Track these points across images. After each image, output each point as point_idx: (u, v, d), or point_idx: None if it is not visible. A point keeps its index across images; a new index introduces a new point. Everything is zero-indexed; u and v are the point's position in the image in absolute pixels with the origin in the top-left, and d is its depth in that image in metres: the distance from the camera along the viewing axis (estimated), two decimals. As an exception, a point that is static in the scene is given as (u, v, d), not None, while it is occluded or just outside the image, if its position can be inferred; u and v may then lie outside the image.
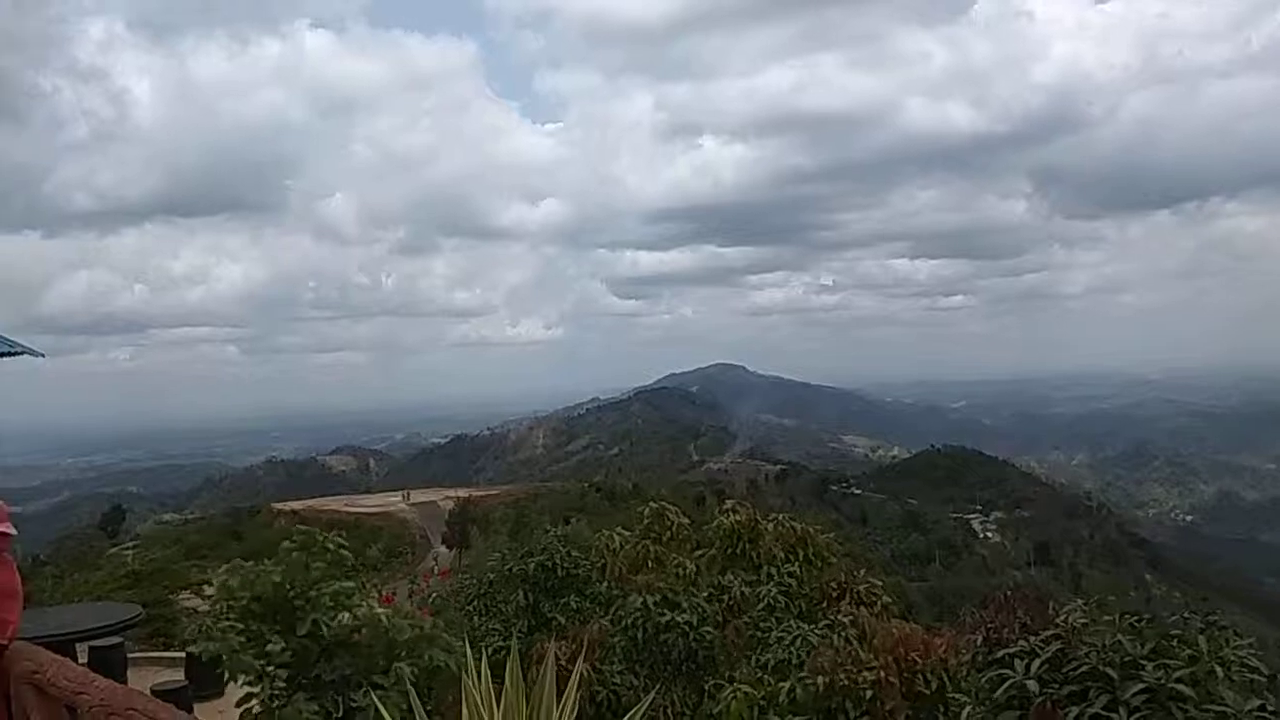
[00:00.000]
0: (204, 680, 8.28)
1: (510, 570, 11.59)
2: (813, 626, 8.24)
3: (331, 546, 5.25)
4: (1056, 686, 4.68)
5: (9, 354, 9.66)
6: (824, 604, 9.30)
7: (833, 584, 9.56)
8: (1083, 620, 5.13)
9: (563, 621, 10.27)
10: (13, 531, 5.01)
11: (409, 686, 3.38)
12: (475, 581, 12.34)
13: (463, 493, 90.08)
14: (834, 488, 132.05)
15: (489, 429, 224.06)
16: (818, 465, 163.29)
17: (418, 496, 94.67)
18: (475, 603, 11.58)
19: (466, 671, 3.70)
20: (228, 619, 5.13)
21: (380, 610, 5.17)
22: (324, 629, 5.04)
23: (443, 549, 67.10)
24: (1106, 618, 5.13)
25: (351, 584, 5.29)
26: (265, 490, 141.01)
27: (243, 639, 4.94)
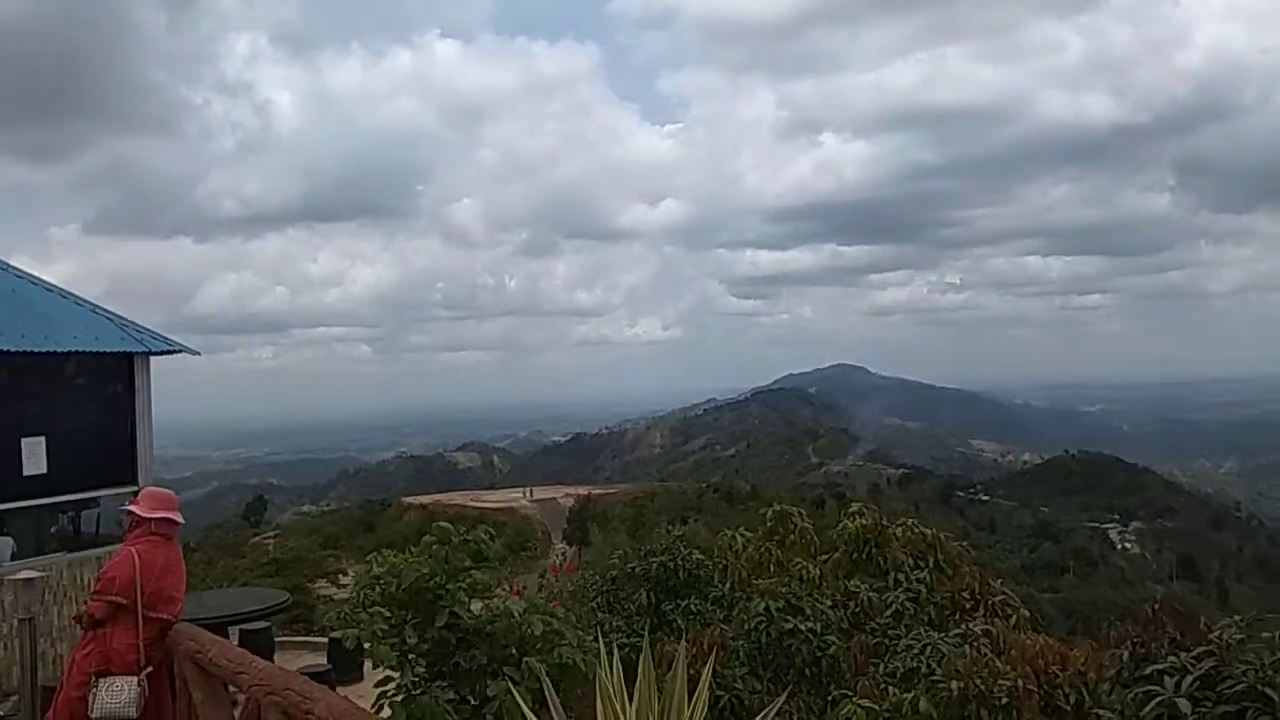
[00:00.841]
0: (345, 664, 8.68)
1: (633, 569, 11.69)
2: (943, 636, 8.02)
3: (471, 540, 5.43)
4: (1210, 705, 4.44)
5: (168, 352, 10.35)
6: (956, 614, 9.04)
7: (965, 594, 9.29)
8: (1238, 637, 4.85)
9: (682, 624, 10.29)
10: (181, 520, 5.38)
11: (543, 680, 3.46)
12: (599, 578, 12.49)
13: (582, 490, 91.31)
14: (960, 493, 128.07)
15: (607, 428, 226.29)
16: (943, 470, 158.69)
17: (539, 493, 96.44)
18: (599, 599, 11.73)
19: (600, 666, 3.77)
20: (373, 606, 5.35)
21: (512, 604, 5.31)
22: (461, 619, 5.21)
23: (563, 545, 68.16)
24: (1265, 634, 4.84)
25: (488, 576, 5.45)
26: (396, 484, 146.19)
27: (385, 626, 5.16)
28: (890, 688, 7.42)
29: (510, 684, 4.52)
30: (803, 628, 8.15)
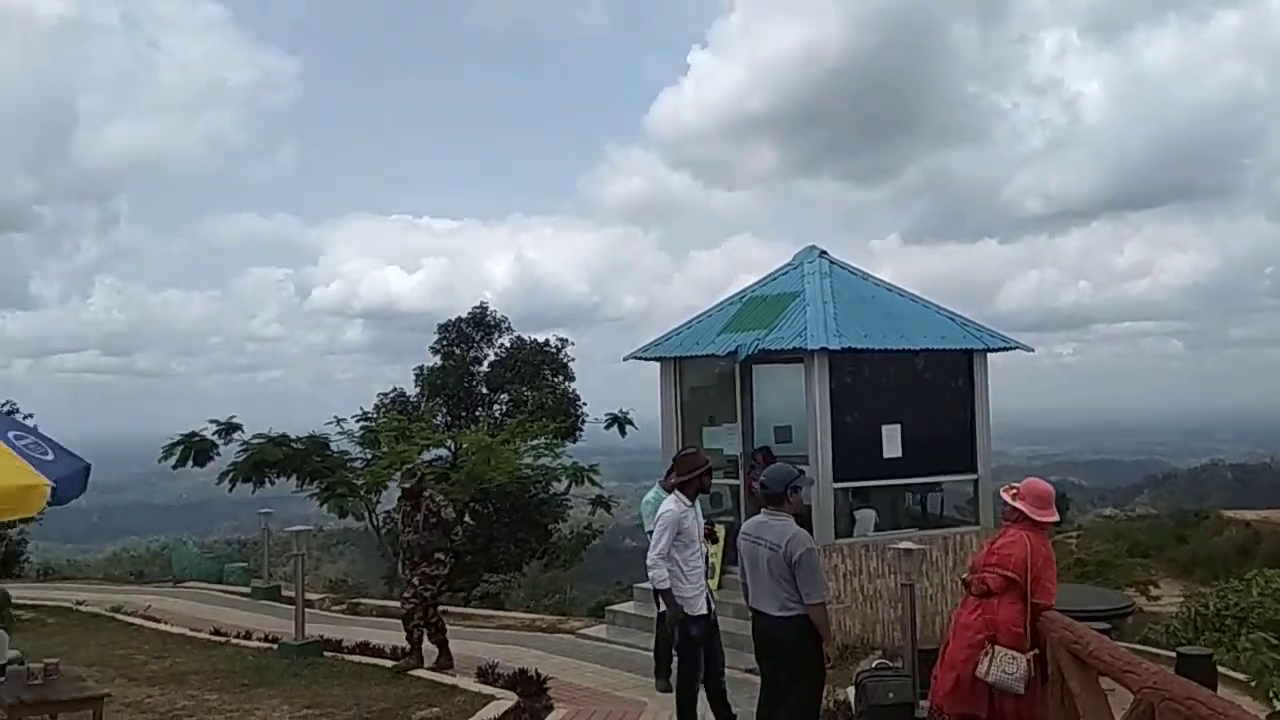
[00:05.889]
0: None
1: None
2: None
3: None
4: None
5: (1004, 348, 10.85)
6: None
7: None
8: None
9: None
10: (1054, 519, 5.57)
11: None
12: None
13: None
14: None
15: None
16: None
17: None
18: None
19: None
20: (1254, 632, 4.88)
21: None
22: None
23: None
24: None
25: None
26: (1211, 494, 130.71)
27: (1276, 655, 4.65)
28: None
29: None
30: None
